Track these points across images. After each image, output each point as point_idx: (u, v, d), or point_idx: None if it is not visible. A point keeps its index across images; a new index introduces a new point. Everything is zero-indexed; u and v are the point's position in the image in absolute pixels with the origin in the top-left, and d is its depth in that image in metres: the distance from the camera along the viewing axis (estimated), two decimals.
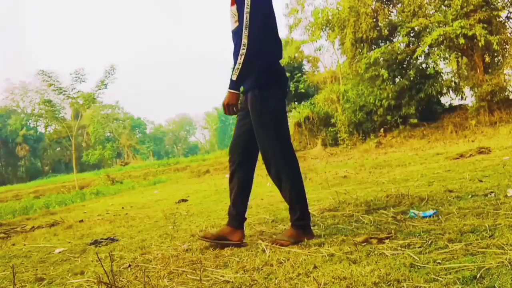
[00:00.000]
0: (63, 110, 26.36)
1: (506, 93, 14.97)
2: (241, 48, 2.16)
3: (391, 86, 16.84)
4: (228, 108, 2.25)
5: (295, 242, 2.26)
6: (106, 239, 3.42)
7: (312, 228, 2.46)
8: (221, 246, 2.45)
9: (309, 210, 2.41)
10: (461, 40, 14.04)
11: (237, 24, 2.27)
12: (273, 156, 2.37)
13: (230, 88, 2.22)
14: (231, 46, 2.40)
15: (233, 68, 2.21)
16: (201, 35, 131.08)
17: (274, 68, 2.40)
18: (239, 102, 2.33)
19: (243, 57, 2.17)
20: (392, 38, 17.85)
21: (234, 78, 2.19)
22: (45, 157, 53.50)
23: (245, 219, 2.56)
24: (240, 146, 2.54)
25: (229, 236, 2.46)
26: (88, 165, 45.75)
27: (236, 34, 2.29)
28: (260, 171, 2.72)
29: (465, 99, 16.97)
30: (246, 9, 2.17)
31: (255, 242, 2.49)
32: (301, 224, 2.34)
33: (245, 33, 2.16)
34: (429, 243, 1.95)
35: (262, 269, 1.90)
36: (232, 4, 2.30)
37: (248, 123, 2.44)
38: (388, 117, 17.04)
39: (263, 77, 2.30)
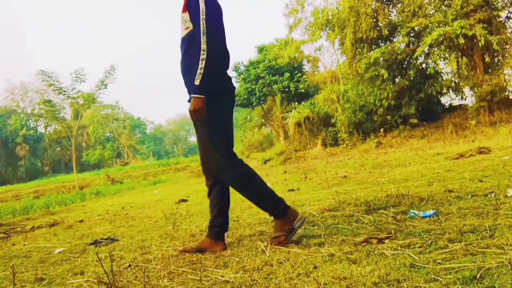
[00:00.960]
0: (63, 110, 26.40)
1: (506, 93, 14.96)
2: (201, 54, 2.18)
3: (391, 86, 16.84)
4: (196, 113, 2.22)
5: (288, 232, 2.31)
6: (106, 239, 3.43)
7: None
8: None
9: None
10: (461, 40, 14.04)
11: (187, 30, 2.30)
12: (216, 166, 2.41)
13: (194, 93, 2.22)
14: (231, 46, 2.42)
15: (193, 76, 2.21)
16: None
17: (223, 76, 2.41)
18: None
19: (204, 62, 2.18)
20: (392, 38, 17.85)
21: (197, 83, 2.20)
22: (45, 157, 53.52)
23: (227, 230, 2.57)
24: None
25: (210, 248, 2.45)
26: (88, 165, 45.78)
27: (185, 41, 2.33)
28: (260, 171, 2.73)
29: (465, 99, 16.99)
30: (202, 15, 2.20)
31: (255, 242, 2.49)
32: (278, 213, 2.36)
33: (203, 39, 2.18)
34: (429, 243, 1.95)
35: (262, 269, 1.90)
36: (183, 11, 2.32)
37: None
38: (388, 117, 17.04)
39: (213, 84, 2.28)
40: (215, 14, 2.29)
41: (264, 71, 24.30)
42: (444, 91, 16.90)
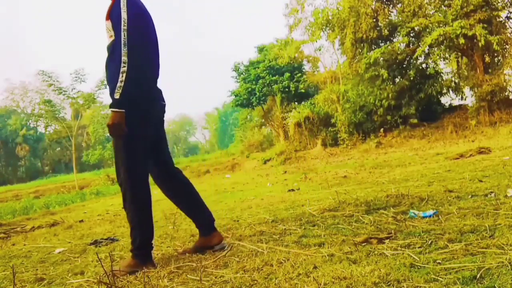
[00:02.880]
0: (63, 110, 26.40)
1: (506, 93, 14.96)
2: (122, 66, 2.09)
3: (391, 86, 16.84)
4: (114, 128, 2.12)
5: (131, 272, 2.15)
6: (106, 239, 3.43)
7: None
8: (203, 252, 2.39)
9: (153, 242, 2.30)
10: (461, 40, 14.04)
11: (111, 39, 2.20)
12: (120, 179, 2.29)
13: (113, 107, 2.11)
14: (231, 46, 2.40)
15: (115, 87, 2.11)
16: (201, 35, 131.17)
17: (148, 89, 2.32)
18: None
19: (124, 74, 2.09)
20: (392, 38, 17.84)
21: (117, 97, 2.10)
22: (45, 157, 53.48)
23: (214, 220, 2.55)
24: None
25: (207, 243, 2.43)
26: (88, 165, 45.71)
27: (109, 50, 2.24)
28: (260, 171, 2.73)
29: (465, 99, 16.98)
30: (124, 25, 2.11)
31: (255, 242, 2.49)
32: (139, 254, 2.23)
33: (124, 50, 2.09)
34: (429, 243, 1.95)
35: (262, 269, 1.90)
36: (106, 19, 2.22)
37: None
38: (388, 117, 17.04)
39: (135, 97, 2.18)
40: (139, 24, 2.20)
41: (264, 71, 24.29)
42: (444, 91, 16.90)
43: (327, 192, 4.79)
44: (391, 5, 17.96)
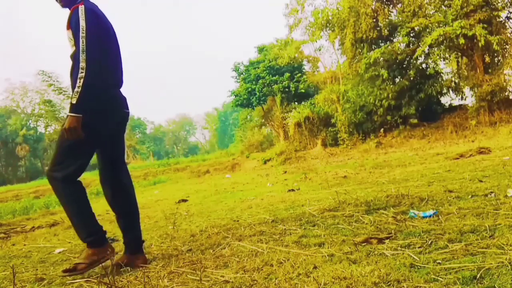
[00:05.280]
0: (63, 110, 26.44)
1: (506, 93, 14.96)
2: (80, 72, 2.12)
3: (391, 86, 16.85)
4: (70, 132, 2.15)
5: (92, 261, 2.21)
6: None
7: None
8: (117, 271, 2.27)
9: (102, 227, 2.40)
10: (461, 40, 14.04)
11: (74, 48, 2.23)
12: (53, 173, 2.33)
13: (70, 112, 2.15)
14: (231, 46, 2.41)
15: (72, 92, 2.15)
16: (201, 35, 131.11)
17: (108, 96, 2.33)
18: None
19: (82, 80, 2.12)
20: (392, 38, 17.85)
21: (74, 102, 2.13)
22: (45, 157, 53.44)
23: (143, 242, 2.54)
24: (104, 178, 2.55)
25: (132, 262, 2.38)
26: (88, 165, 45.74)
27: (74, 59, 2.25)
28: (260, 171, 2.72)
29: (465, 99, 16.99)
30: (82, 33, 2.15)
31: (255, 242, 2.49)
32: (91, 241, 2.29)
33: (82, 57, 2.13)
34: (429, 243, 1.95)
35: (262, 269, 1.90)
36: (67, 28, 2.26)
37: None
38: (388, 117, 17.04)
39: (93, 103, 2.20)
40: (98, 32, 2.23)
41: (264, 71, 24.30)
42: (444, 91, 16.90)
43: (327, 192, 4.79)
44: (391, 5, 17.97)
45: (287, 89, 23.84)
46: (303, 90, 23.56)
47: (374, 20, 17.36)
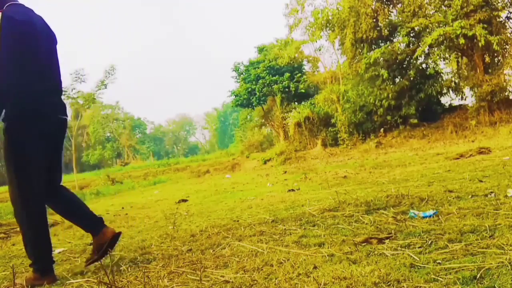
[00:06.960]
0: None
1: (506, 93, 14.97)
2: None
3: (391, 86, 16.85)
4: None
5: (32, 286, 2.14)
6: None
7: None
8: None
9: (52, 254, 2.29)
10: (461, 40, 14.04)
11: None
12: (12, 194, 2.26)
13: None
14: (231, 46, 2.41)
15: None
16: (201, 35, 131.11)
17: (33, 100, 2.21)
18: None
19: None
20: (392, 38, 17.85)
21: None
22: None
23: (101, 218, 2.49)
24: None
25: (101, 241, 2.34)
26: (88, 165, 45.74)
27: None
28: (260, 171, 2.72)
29: (465, 99, 17.00)
30: (3, 38, 2.05)
31: (255, 242, 2.49)
32: (37, 268, 2.20)
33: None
34: (429, 243, 1.95)
35: (262, 269, 1.90)
36: None
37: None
38: (388, 117, 17.05)
39: (16, 108, 2.12)
40: (21, 37, 2.11)
41: (264, 71, 24.31)
42: (444, 91, 16.92)
43: (327, 192, 4.78)
44: (391, 5, 17.97)
45: (287, 89, 23.85)
46: (303, 90, 23.57)
47: (374, 20, 17.37)
